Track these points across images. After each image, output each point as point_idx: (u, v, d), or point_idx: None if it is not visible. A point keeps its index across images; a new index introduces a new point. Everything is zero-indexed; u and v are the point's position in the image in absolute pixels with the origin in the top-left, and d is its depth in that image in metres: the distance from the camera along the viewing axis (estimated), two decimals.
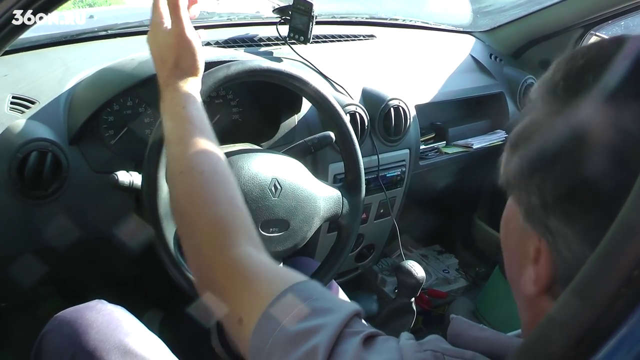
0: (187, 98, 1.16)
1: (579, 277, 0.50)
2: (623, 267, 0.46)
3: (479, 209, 3.18)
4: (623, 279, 0.46)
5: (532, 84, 2.68)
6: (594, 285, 0.48)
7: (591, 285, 0.48)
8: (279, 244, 1.50)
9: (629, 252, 0.46)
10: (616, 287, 0.46)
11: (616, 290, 0.46)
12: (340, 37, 2.46)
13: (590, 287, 0.48)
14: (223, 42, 2.08)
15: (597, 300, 0.47)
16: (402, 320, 2.03)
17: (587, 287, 0.49)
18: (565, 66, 0.72)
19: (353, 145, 1.63)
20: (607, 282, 0.47)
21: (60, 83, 1.66)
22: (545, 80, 0.74)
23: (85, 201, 1.59)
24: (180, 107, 1.13)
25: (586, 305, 0.48)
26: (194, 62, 1.22)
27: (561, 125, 0.66)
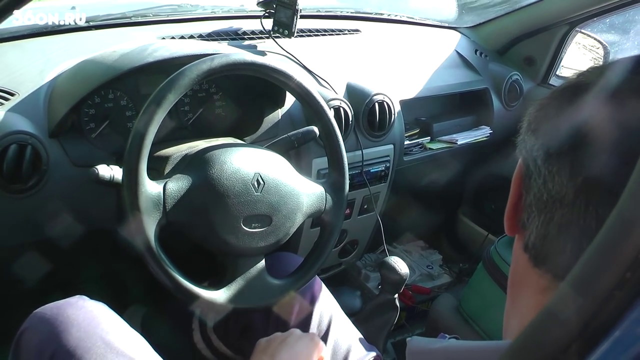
0: None
1: (577, 269, 0.49)
2: (619, 263, 0.45)
3: (463, 205, 3.18)
4: (621, 273, 0.45)
5: (517, 80, 2.68)
6: (593, 278, 0.47)
7: (590, 278, 0.48)
8: (261, 239, 1.49)
9: (626, 245, 0.45)
10: (613, 284, 0.46)
11: (614, 285, 0.45)
12: (325, 32, 2.46)
13: (588, 280, 0.48)
14: (206, 35, 2.07)
15: (596, 293, 0.47)
16: (385, 317, 2.02)
17: (586, 280, 0.48)
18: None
19: (337, 140, 1.62)
20: (605, 276, 0.46)
21: (41, 75, 1.64)
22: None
23: (66, 195, 1.57)
24: None
25: (585, 298, 0.47)
26: None
27: (566, 122, 0.68)
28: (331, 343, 1.60)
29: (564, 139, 0.66)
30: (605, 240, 0.48)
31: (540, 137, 0.72)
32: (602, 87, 0.65)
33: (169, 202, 1.34)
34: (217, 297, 1.44)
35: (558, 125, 0.70)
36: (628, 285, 0.45)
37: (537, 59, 2.84)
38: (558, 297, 0.50)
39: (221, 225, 1.41)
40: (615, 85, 0.64)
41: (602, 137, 0.61)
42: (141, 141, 1.29)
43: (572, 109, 0.69)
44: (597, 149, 0.62)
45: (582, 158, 0.64)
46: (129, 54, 1.60)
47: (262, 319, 1.63)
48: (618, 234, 0.47)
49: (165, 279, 1.36)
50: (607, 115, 0.62)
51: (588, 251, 0.49)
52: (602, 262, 0.47)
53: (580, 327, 0.47)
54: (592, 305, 0.46)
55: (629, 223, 0.46)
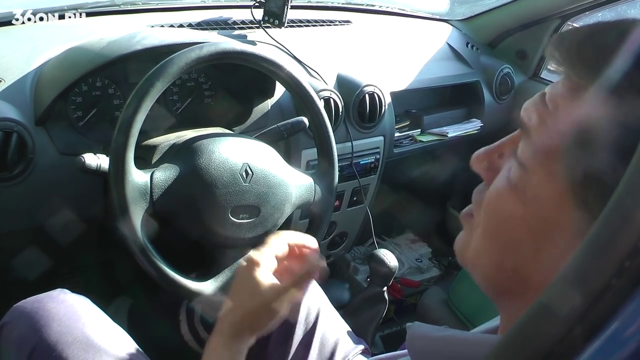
0: None
1: (571, 262, 0.48)
2: (616, 255, 0.44)
3: (453, 198, 3.18)
4: (615, 266, 0.44)
5: (508, 73, 2.68)
6: (587, 273, 0.47)
7: (583, 272, 0.47)
8: (249, 230, 1.48)
9: (621, 240, 0.45)
10: (608, 277, 0.45)
11: (608, 279, 0.45)
12: (315, 22, 2.44)
13: (582, 274, 0.47)
14: (196, 25, 2.05)
15: (588, 288, 0.46)
16: (374, 310, 2.01)
17: (580, 274, 0.47)
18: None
19: (327, 132, 1.62)
20: (599, 270, 0.46)
21: (28, 61, 1.62)
22: None
23: (52, 184, 1.56)
24: None
25: (578, 293, 0.46)
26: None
27: (566, 119, 0.65)
28: (319, 335, 1.59)
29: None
30: (601, 230, 0.47)
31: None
32: (605, 83, 0.63)
33: (156, 191, 1.33)
34: (205, 288, 1.43)
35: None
36: (626, 274, 0.44)
37: (529, 52, 2.84)
38: (552, 290, 0.49)
39: (209, 216, 1.40)
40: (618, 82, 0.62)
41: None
42: (128, 130, 1.28)
43: None
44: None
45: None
46: (117, 42, 1.59)
47: None
48: (616, 223, 0.46)
49: (151, 269, 1.35)
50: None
51: (584, 241, 0.48)
52: (600, 251, 0.46)
53: (575, 318, 0.46)
54: (588, 296, 0.45)
55: (628, 212, 0.45)
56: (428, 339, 0.81)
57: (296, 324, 1.58)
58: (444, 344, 0.78)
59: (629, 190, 0.46)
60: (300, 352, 1.56)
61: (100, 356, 1.30)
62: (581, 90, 0.65)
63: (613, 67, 0.62)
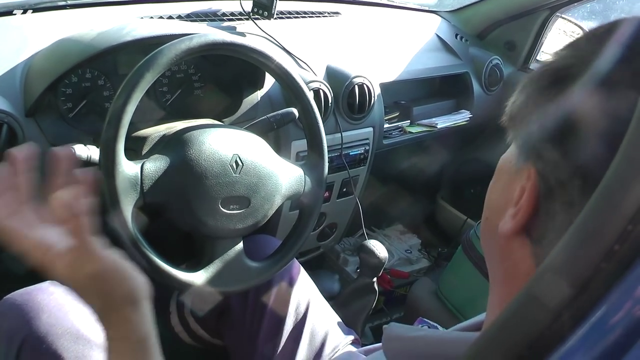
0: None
1: (558, 250, 0.49)
2: (603, 241, 0.45)
3: (442, 189, 3.19)
4: (603, 253, 0.45)
5: (497, 64, 2.69)
6: (575, 258, 0.47)
7: (571, 259, 0.47)
8: (239, 221, 1.48)
9: (610, 224, 0.45)
10: (596, 262, 0.45)
11: (596, 265, 0.45)
12: (304, 14, 2.44)
13: (569, 261, 0.47)
14: (185, 16, 2.05)
15: (576, 275, 0.46)
16: (363, 300, 2.02)
17: (568, 259, 0.48)
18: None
19: (316, 123, 1.62)
20: (587, 257, 0.46)
21: (17, 53, 1.62)
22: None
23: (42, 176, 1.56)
24: None
25: (564, 280, 0.47)
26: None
27: (554, 111, 0.65)
28: (309, 326, 1.60)
29: None
30: (590, 214, 0.47)
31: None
32: (595, 74, 0.63)
33: (146, 182, 1.33)
34: (195, 279, 1.43)
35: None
36: (615, 259, 0.45)
37: (518, 43, 2.84)
38: (539, 277, 0.50)
39: (199, 207, 1.40)
40: (608, 73, 0.62)
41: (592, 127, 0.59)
42: (119, 121, 1.27)
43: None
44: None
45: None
46: (106, 33, 1.59)
47: (240, 302, 1.62)
48: (604, 207, 0.46)
49: (142, 260, 1.35)
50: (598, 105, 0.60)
51: (574, 225, 0.48)
52: (589, 235, 0.47)
53: (564, 304, 0.46)
54: (576, 282, 0.46)
55: (615, 195, 0.45)
56: (404, 340, 0.82)
57: (286, 316, 1.58)
58: (420, 344, 0.79)
59: (617, 175, 0.47)
60: (291, 343, 1.57)
61: (90, 347, 1.30)
62: (567, 82, 0.65)
63: (603, 57, 0.62)
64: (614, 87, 0.60)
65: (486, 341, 0.53)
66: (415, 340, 0.80)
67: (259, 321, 1.59)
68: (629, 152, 0.47)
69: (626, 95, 0.58)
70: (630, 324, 0.44)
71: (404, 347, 0.80)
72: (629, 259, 0.45)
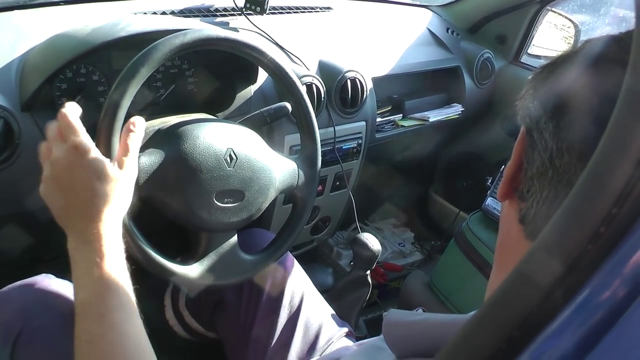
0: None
1: (547, 230, 0.50)
2: (590, 222, 0.47)
3: (435, 183, 3.20)
4: (590, 234, 0.46)
5: (488, 58, 2.70)
6: (562, 239, 0.48)
7: (559, 239, 0.49)
8: (234, 214, 1.49)
9: (596, 206, 0.47)
10: (584, 242, 0.47)
11: (584, 245, 0.46)
12: (297, 9, 2.45)
13: (558, 241, 0.49)
14: (178, 12, 2.05)
15: (565, 253, 0.48)
16: (357, 294, 2.03)
17: (555, 240, 0.49)
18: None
19: (309, 117, 1.63)
20: (574, 237, 0.47)
21: (12, 48, 1.62)
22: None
23: (38, 170, 1.56)
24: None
25: (554, 259, 0.48)
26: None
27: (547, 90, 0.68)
28: (303, 319, 1.61)
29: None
30: (577, 197, 0.48)
31: (551, 108, 0.69)
32: (585, 56, 0.65)
33: (141, 176, 1.34)
34: (190, 272, 1.44)
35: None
36: (602, 240, 0.46)
37: (509, 37, 2.85)
38: (529, 257, 0.51)
39: (193, 200, 1.41)
40: (596, 53, 0.64)
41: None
42: (114, 115, 1.28)
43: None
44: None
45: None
46: (101, 29, 1.59)
47: (234, 295, 1.63)
48: (590, 190, 0.47)
49: (137, 253, 1.36)
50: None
51: (561, 208, 0.49)
52: (575, 217, 0.48)
53: (552, 284, 0.48)
54: (564, 262, 0.47)
55: (601, 178, 0.47)
56: (403, 324, 0.83)
57: (280, 308, 1.59)
58: (419, 328, 0.80)
59: (602, 157, 0.48)
60: (285, 336, 1.58)
61: None
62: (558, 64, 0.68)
63: (594, 39, 0.64)
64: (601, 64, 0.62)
65: (478, 319, 0.54)
66: (415, 324, 0.81)
67: (253, 314, 1.60)
68: (614, 135, 0.48)
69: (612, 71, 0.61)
70: (614, 303, 0.46)
71: (403, 331, 0.81)
72: (614, 241, 0.46)
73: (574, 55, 0.70)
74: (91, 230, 1.09)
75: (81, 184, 1.12)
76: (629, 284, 0.46)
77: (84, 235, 1.09)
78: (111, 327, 1.02)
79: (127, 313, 1.06)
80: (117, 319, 1.04)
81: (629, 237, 0.46)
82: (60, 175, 1.14)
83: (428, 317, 0.81)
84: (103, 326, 1.02)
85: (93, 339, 1.01)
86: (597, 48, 0.65)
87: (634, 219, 0.46)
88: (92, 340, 1.01)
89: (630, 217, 0.46)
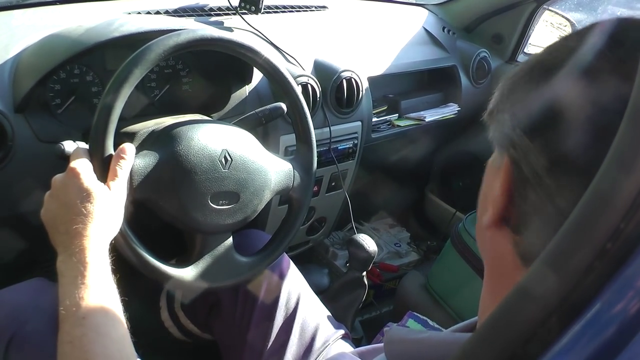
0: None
1: (552, 246, 0.49)
2: (596, 239, 0.45)
3: (431, 183, 3.20)
4: (596, 250, 0.45)
5: (485, 57, 2.69)
6: (567, 256, 0.47)
7: (564, 256, 0.47)
8: (229, 216, 1.48)
9: (602, 222, 0.45)
10: (590, 259, 0.45)
11: (589, 263, 0.45)
12: (292, 8, 2.44)
13: (563, 258, 0.47)
14: (172, 12, 2.04)
15: (570, 271, 0.46)
16: (353, 294, 2.02)
17: (560, 258, 0.48)
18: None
19: (305, 117, 1.62)
20: (580, 253, 0.46)
21: (6, 49, 1.61)
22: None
23: (33, 171, 1.55)
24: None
25: (559, 277, 0.47)
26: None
27: (539, 99, 0.65)
28: (299, 321, 1.60)
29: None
30: (582, 213, 0.47)
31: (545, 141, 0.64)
32: (576, 64, 0.63)
33: (135, 178, 1.33)
34: (185, 275, 1.44)
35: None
36: (608, 257, 0.45)
37: (505, 36, 2.85)
38: (533, 274, 0.50)
39: (188, 202, 1.40)
40: (590, 62, 0.62)
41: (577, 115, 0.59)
42: (107, 116, 1.27)
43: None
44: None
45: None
46: (94, 29, 1.58)
47: (230, 297, 1.63)
48: (596, 206, 0.46)
49: (132, 256, 1.35)
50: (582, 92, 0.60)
51: (566, 224, 0.48)
52: (581, 234, 0.47)
53: (557, 302, 0.47)
54: (569, 279, 0.46)
55: (607, 193, 0.46)
56: (405, 342, 0.82)
57: (276, 310, 1.59)
58: (421, 347, 0.79)
59: (609, 173, 0.47)
60: (281, 338, 1.57)
61: None
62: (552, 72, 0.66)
63: (587, 46, 0.63)
64: (596, 75, 0.60)
65: (480, 338, 0.53)
66: (417, 342, 0.80)
67: (249, 315, 1.60)
68: (620, 150, 0.47)
69: (608, 82, 0.59)
70: (623, 322, 0.44)
71: (406, 350, 0.81)
72: (622, 257, 0.45)
73: (555, 66, 0.67)
74: (76, 244, 1.11)
75: (70, 202, 1.16)
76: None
77: (69, 248, 1.11)
78: (92, 328, 1.03)
79: (109, 317, 1.07)
80: (98, 322, 1.04)
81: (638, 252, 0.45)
82: (55, 193, 1.19)
83: (430, 336, 0.81)
84: (83, 327, 1.02)
85: (73, 339, 1.02)
86: (587, 57, 0.63)
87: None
88: (72, 341, 1.02)
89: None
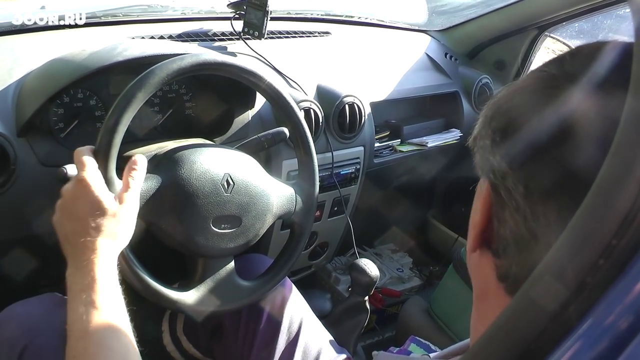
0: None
1: (552, 254, 0.49)
2: (588, 255, 0.46)
3: (433, 208, 3.19)
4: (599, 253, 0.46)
5: (487, 83, 2.70)
6: (558, 277, 0.47)
7: (566, 263, 0.48)
8: (231, 240, 1.48)
9: (593, 239, 0.46)
10: (581, 276, 0.46)
11: (581, 280, 0.46)
12: (295, 33, 2.45)
13: (565, 266, 0.48)
14: (176, 36, 2.05)
15: (563, 290, 0.47)
16: (355, 319, 2.02)
17: (562, 265, 0.48)
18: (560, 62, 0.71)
19: (307, 142, 1.62)
20: (572, 271, 0.46)
21: (9, 73, 1.62)
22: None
23: (35, 195, 1.56)
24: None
25: (561, 284, 0.47)
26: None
27: (549, 116, 0.65)
28: (302, 345, 1.60)
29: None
30: (581, 222, 0.48)
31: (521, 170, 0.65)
32: (590, 79, 0.63)
33: None
34: (186, 298, 1.43)
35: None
36: (614, 255, 0.46)
37: (507, 62, 2.86)
38: (532, 282, 0.50)
39: (190, 226, 1.40)
40: (603, 77, 0.62)
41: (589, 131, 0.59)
42: (110, 140, 1.27)
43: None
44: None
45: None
46: (98, 53, 1.59)
47: (232, 321, 1.63)
48: (595, 215, 0.47)
49: (134, 280, 1.35)
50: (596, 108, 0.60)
51: (563, 235, 0.49)
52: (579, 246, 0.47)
53: (556, 310, 0.47)
54: (568, 288, 0.46)
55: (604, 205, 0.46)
56: None
57: (279, 334, 1.58)
58: None
59: (600, 192, 0.47)
60: None
61: None
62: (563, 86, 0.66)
63: (601, 61, 0.63)
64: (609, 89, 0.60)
65: (481, 348, 0.54)
66: None
67: (251, 340, 1.60)
68: (611, 169, 0.47)
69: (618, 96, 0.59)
70: (615, 337, 0.45)
71: None
72: (614, 273, 0.46)
73: (530, 97, 0.69)
74: (85, 257, 1.12)
75: (80, 215, 1.16)
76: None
77: (77, 261, 1.12)
78: (94, 342, 1.04)
79: (112, 330, 1.07)
80: (100, 335, 1.05)
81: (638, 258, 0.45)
82: (65, 205, 1.19)
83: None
84: (85, 341, 1.03)
85: (76, 354, 1.03)
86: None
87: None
88: (76, 355, 1.03)
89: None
